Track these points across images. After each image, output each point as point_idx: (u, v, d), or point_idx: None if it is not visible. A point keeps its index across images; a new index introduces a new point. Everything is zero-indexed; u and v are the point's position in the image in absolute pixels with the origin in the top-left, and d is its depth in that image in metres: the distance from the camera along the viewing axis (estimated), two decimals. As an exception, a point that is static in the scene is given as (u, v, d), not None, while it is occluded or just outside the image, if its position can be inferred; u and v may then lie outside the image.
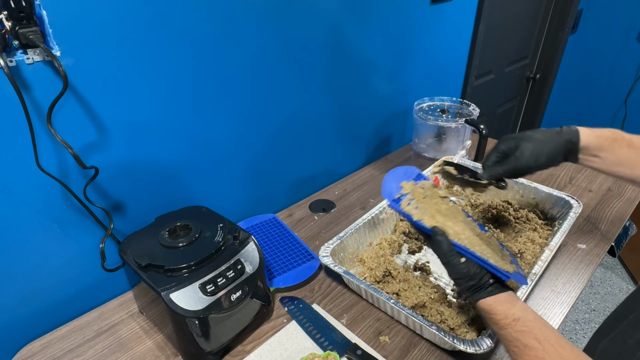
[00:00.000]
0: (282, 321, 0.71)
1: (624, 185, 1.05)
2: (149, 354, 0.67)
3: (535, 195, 0.92)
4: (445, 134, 1.16)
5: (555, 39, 2.04)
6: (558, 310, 0.72)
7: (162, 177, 0.79)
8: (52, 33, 0.56)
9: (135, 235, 0.68)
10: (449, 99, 1.22)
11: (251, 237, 0.69)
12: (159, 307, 0.61)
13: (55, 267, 0.70)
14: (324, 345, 0.65)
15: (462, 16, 1.37)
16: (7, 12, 0.52)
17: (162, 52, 0.69)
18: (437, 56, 1.34)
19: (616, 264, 2.15)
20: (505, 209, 0.92)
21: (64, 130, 0.62)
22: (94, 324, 0.72)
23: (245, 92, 0.85)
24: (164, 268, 0.60)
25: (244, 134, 0.89)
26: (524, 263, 0.76)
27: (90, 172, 0.66)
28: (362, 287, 0.70)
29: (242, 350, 0.67)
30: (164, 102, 0.73)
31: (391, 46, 1.14)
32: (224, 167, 0.89)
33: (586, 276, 0.78)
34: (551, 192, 0.89)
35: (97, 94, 0.64)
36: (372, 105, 1.20)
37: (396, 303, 0.65)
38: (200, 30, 0.72)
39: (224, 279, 0.61)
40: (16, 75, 0.55)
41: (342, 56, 1.01)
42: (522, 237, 0.82)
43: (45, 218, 0.66)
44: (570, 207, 0.84)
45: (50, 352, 0.67)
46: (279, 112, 0.94)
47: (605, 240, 0.87)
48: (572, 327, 1.81)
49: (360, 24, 1.01)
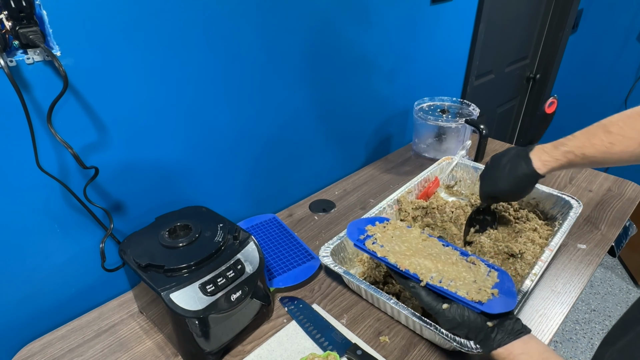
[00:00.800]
0: (282, 321, 0.71)
1: (624, 185, 1.05)
2: (149, 354, 0.67)
3: (536, 196, 0.92)
4: (445, 134, 1.16)
5: (555, 39, 2.04)
6: (558, 311, 0.72)
7: (162, 177, 0.79)
8: (52, 33, 0.56)
9: (135, 235, 0.68)
10: (449, 99, 1.22)
11: (251, 237, 0.69)
12: (159, 307, 0.61)
13: (55, 267, 0.70)
14: (324, 345, 0.65)
15: (462, 16, 1.37)
16: (7, 12, 0.52)
17: (163, 52, 0.69)
18: (437, 56, 1.34)
19: (616, 264, 2.15)
20: (505, 209, 0.92)
21: (64, 130, 0.62)
22: (94, 324, 0.72)
23: (246, 92, 0.85)
24: (164, 268, 0.60)
25: (245, 134, 0.89)
26: (524, 263, 0.76)
27: (90, 172, 0.66)
28: (362, 287, 0.70)
29: (242, 350, 0.67)
30: (164, 102, 0.73)
31: (391, 46, 1.14)
32: (224, 167, 0.89)
33: (586, 276, 0.78)
34: (551, 192, 0.89)
35: (98, 94, 0.64)
36: (373, 105, 1.20)
37: (396, 303, 0.65)
38: (202, 31, 0.72)
39: (224, 279, 0.61)
40: (16, 75, 0.55)
41: (343, 56, 1.01)
42: (522, 237, 0.82)
43: (45, 218, 0.66)
44: (570, 207, 0.84)
45: (50, 352, 0.67)
46: (279, 112, 0.94)
47: (606, 240, 0.87)
48: (572, 327, 1.81)
49: (360, 24, 1.01)
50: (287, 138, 0.99)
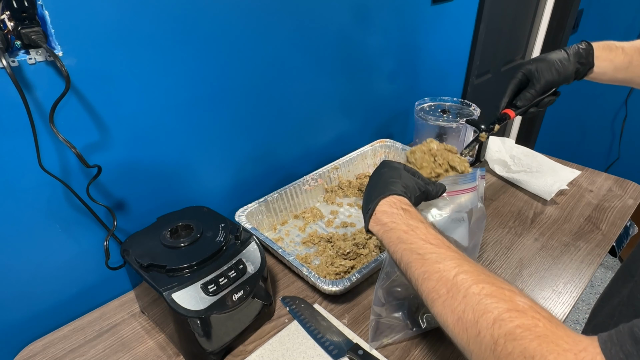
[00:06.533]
0: (284, 321, 0.71)
1: (625, 185, 1.05)
2: (151, 353, 0.67)
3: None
4: (446, 134, 1.16)
5: (555, 39, 2.04)
6: (559, 311, 0.72)
7: (163, 177, 0.79)
8: (54, 33, 0.56)
9: (137, 235, 0.68)
10: (450, 99, 1.22)
11: (253, 237, 0.69)
12: (161, 307, 0.61)
13: (56, 266, 0.70)
14: (325, 345, 0.65)
15: (463, 16, 1.38)
16: (9, 12, 0.52)
17: (165, 52, 0.69)
18: (438, 56, 1.34)
19: (617, 264, 2.15)
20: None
21: (66, 129, 0.62)
22: (96, 324, 0.72)
23: (248, 92, 0.85)
24: (166, 268, 0.60)
25: (246, 134, 0.89)
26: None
27: (92, 172, 0.67)
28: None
29: (244, 350, 0.67)
30: (166, 102, 0.73)
31: (392, 46, 1.14)
32: (226, 167, 0.89)
33: (587, 276, 0.79)
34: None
35: (100, 94, 0.64)
36: (373, 105, 1.20)
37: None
38: (204, 30, 0.72)
39: (225, 279, 0.61)
40: (18, 75, 0.55)
41: (343, 56, 1.01)
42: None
43: (47, 218, 0.66)
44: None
45: (51, 352, 0.68)
46: (282, 113, 0.94)
47: (607, 240, 0.87)
48: (573, 327, 1.81)
49: (361, 24, 1.01)
50: (288, 138, 0.99)
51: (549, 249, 0.85)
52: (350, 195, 1.03)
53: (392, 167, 0.59)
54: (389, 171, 0.58)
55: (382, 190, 0.55)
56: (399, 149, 1.12)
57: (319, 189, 1.02)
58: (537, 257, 0.83)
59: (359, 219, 0.96)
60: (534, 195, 1.01)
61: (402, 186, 0.55)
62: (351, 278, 0.72)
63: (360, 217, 0.96)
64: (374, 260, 0.76)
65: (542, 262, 0.82)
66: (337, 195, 1.02)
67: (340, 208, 1.00)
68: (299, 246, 0.88)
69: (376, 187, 0.56)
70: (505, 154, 1.13)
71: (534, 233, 0.90)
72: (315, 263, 0.82)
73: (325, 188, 1.03)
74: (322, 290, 0.72)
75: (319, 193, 1.02)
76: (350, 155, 1.09)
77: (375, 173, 0.60)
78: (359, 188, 1.03)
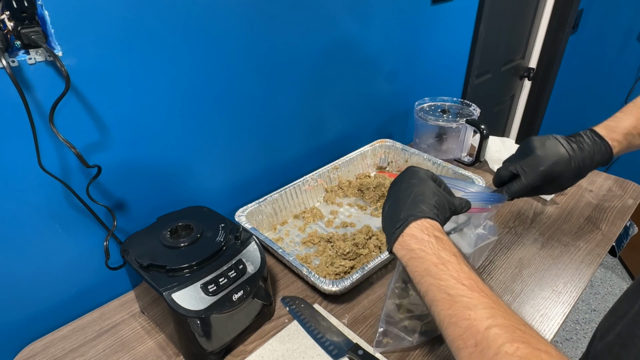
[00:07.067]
0: (284, 321, 0.71)
1: (625, 185, 1.05)
2: (151, 354, 0.67)
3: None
4: (446, 134, 1.16)
5: (555, 39, 2.04)
6: (559, 310, 0.72)
7: (163, 177, 0.79)
8: (54, 33, 0.56)
9: (136, 235, 0.68)
10: (449, 99, 1.22)
11: (253, 237, 0.69)
12: (161, 307, 0.61)
13: (56, 267, 0.70)
14: (325, 345, 0.65)
15: (463, 16, 1.38)
16: (9, 12, 0.52)
17: (165, 52, 0.69)
18: (438, 56, 1.34)
19: (617, 264, 2.15)
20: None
21: (66, 129, 0.62)
22: (96, 324, 0.72)
23: (248, 92, 0.85)
24: (166, 268, 0.60)
25: (247, 134, 0.89)
26: None
27: (92, 172, 0.66)
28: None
29: (244, 350, 0.67)
30: (167, 102, 0.73)
31: (392, 46, 1.14)
32: (226, 167, 0.89)
33: (587, 276, 0.79)
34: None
35: (100, 94, 0.64)
36: (373, 105, 1.20)
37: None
38: (205, 30, 0.72)
39: (225, 279, 0.61)
40: (18, 75, 0.55)
41: (343, 56, 1.01)
42: None
43: (47, 218, 0.66)
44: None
45: (51, 352, 0.68)
46: (280, 111, 0.94)
47: (606, 240, 0.87)
48: (573, 327, 1.81)
49: (360, 24, 1.01)
50: (288, 138, 0.99)
51: (548, 249, 0.85)
52: (350, 195, 1.03)
53: (421, 178, 0.53)
54: (419, 184, 0.52)
55: (412, 210, 0.49)
56: (399, 149, 1.12)
57: (319, 189, 1.02)
58: (537, 257, 0.83)
59: (359, 219, 0.96)
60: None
61: (435, 206, 0.50)
62: (351, 278, 0.72)
63: (360, 217, 0.96)
64: (374, 260, 0.76)
65: (542, 262, 0.82)
66: (337, 195, 1.02)
67: (340, 208, 1.00)
68: (299, 246, 0.88)
69: (404, 202, 0.51)
70: (505, 153, 1.13)
71: (533, 233, 0.90)
72: (315, 263, 0.82)
73: (325, 188, 1.03)
74: (322, 290, 0.72)
75: (319, 193, 1.02)
76: (350, 155, 1.09)
77: (401, 183, 0.54)
78: (359, 188, 1.03)
